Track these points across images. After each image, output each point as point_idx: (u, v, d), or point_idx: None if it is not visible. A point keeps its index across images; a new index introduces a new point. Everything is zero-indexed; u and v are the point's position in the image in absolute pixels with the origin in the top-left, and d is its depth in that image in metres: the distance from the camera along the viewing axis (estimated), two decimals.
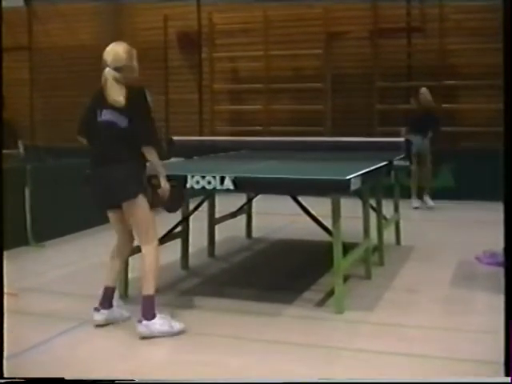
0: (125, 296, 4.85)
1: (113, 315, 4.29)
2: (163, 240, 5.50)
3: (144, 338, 3.99)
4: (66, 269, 5.94)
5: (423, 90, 9.65)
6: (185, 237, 5.84)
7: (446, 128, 11.04)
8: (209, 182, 4.33)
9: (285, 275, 5.81)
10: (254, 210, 7.30)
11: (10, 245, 6.00)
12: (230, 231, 7.19)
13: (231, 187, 4.29)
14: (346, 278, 5.34)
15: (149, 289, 4.08)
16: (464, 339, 4.10)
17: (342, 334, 4.32)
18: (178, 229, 5.72)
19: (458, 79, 11.06)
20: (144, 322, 4.01)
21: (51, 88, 13.40)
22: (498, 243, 5.75)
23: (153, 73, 12.92)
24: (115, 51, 4.16)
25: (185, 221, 5.76)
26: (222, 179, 4.30)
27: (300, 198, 5.06)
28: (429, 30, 11.27)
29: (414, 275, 5.73)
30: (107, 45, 4.26)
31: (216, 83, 12.62)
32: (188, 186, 4.39)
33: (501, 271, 5.61)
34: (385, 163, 5.45)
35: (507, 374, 3.05)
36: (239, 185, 4.29)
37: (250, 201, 7.06)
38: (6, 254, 3.22)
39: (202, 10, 12.50)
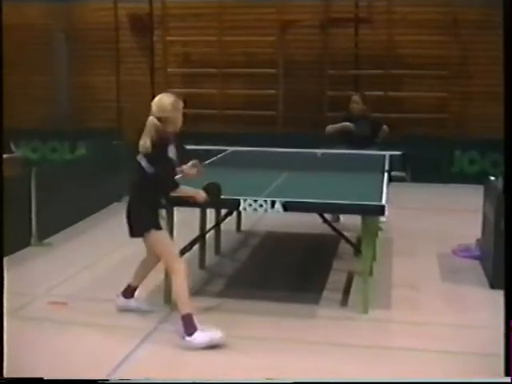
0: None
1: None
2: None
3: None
4: (94, 269, 6.36)
5: (354, 98, 8.13)
6: (202, 241, 6.33)
7: (391, 114, 11.89)
8: (260, 206, 4.86)
9: (295, 274, 6.35)
10: None
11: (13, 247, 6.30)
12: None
13: (281, 210, 4.84)
14: (351, 275, 6.07)
15: (183, 309, 4.55)
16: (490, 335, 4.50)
17: (379, 333, 4.91)
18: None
19: (403, 69, 11.87)
20: (187, 338, 4.44)
21: None
22: (454, 225, 6.98)
23: (104, 54, 13.06)
24: (161, 102, 4.56)
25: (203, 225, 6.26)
26: (273, 203, 4.83)
27: None
28: (376, 22, 12.00)
29: (407, 271, 6.43)
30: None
31: (170, 67, 12.86)
32: (241, 208, 4.90)
33: (477, 264, 6.56)
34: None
35: (507, 374, 3.25)
36: (288, 208, 4.84)
37: None
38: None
39: None
